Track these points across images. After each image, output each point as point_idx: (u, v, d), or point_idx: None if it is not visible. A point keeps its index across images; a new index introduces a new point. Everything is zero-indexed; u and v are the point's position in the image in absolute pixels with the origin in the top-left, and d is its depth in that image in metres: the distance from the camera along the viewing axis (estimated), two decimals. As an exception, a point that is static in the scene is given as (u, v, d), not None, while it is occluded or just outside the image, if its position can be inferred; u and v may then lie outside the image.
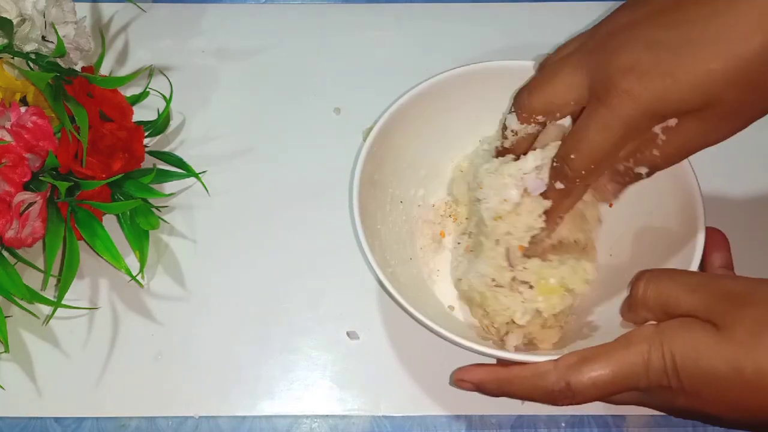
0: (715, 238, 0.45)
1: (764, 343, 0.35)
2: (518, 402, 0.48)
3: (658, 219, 0.48)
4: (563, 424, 0.48)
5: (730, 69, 0.36)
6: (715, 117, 0.38)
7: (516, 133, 0.46)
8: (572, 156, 0.41)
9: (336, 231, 0.54)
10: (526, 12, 0.63)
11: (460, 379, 0.44)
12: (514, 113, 0.45)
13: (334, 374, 0.50)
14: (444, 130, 0.52)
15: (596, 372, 0.39)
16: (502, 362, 0.43)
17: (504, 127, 0.47)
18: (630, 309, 0.42)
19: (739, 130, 0.40)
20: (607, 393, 0.40)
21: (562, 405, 0.41)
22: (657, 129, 0.40)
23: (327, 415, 0.49)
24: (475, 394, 0.48)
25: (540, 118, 0.44)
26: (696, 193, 0.46)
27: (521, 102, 0.44)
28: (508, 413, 0.48)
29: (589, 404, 0.47)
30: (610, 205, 0.50)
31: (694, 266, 0.44)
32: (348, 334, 0.51)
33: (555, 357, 0.41)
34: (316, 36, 0.63)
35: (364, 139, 0.57)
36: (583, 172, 0.42)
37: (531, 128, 0.45)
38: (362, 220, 0.46)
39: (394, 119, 0.49)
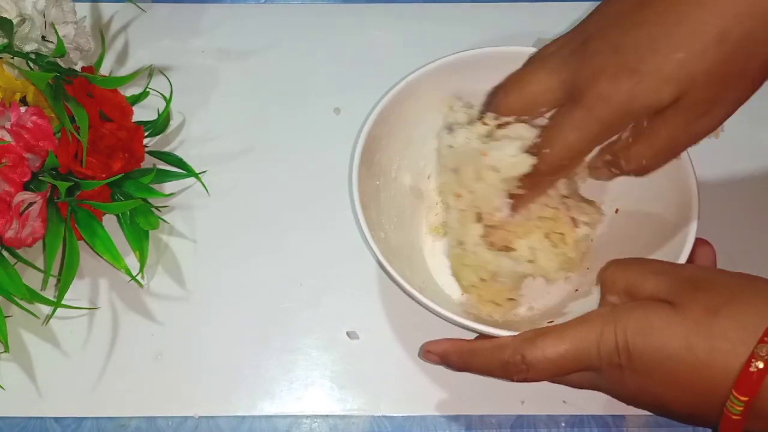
0: (703, 252, 0.45)
1: (718, 323, 0.36)
2: (518, 402, 0.48)
3: (652, 207, 0.49)
4: (563, 424, 0.48)
5: (692, 57, 0.37)
6: (691, 107, 0.39)
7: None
8: (546, 150, 0.43)
9: (336, 230, 0.54)
10: (526, 12, 0.63)
11: (427, 351, 0.45)
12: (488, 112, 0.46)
13: (334, 374, 0.50)
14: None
15: (550, 346, 0.40)
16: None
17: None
18: (600, 297, 0.43)
19: (722, 118, 0.40)
20: (560, 368, 0.40)
21: (518, 380, 0.41)
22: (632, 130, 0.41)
23: (327, 415, 0.49)
24: (475, 394, 0.48)
25: (511, 119, 0.45)
26: (692, 184, 0.46)
27: (497, 101, 0.45)
28: (508, 413, 0.48)
29: (589, 405, 0.47)
30: (616, 211, 0.50)
31: (684, 257, 0.44)
32: (348, 334, 0.51)
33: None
34: (315, 36, 0.63)
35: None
36: (555, 166, 0.43)
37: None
38: (359, 190, 0.47)
39: (400, 96, 0.50)
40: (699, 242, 0.45)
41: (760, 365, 0.35)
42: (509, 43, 0.51)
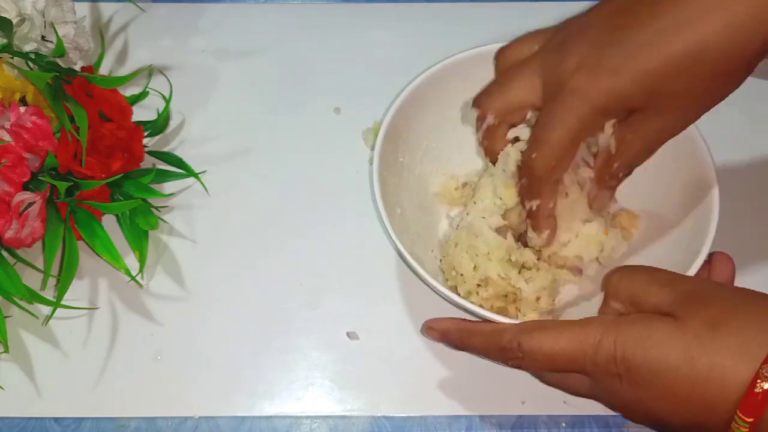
0: (721, 265, 0.45)
1: (719, 337, 0.36)
2: (519, 402, 0.48)
3: (670, 211, 0.49)
4: (563, 425, 0.48)
5: (661, 66, 0.39)
6: (663, 109, 0.41)
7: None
8: (534, 155, 0.44)
9: (336, 230, 0.54)
10: (526, 12, 0.64)
11: (429, 327, 0.46)
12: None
13: (334, 374, 0.50)
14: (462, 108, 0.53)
15: (547, 341, 0.40)
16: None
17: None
18: (603, 301, 0.43)
19: (693, 119, 0.42)
20: (553, 364, 0.40)
21: (512, 365, 0.42)
22: (611, 128, 0.43)
23: (327, 416, 0.49)
24: (476, 394, 0.48)
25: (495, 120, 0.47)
26: (713, 188, 0.46)
27: (482, 104, 0.47)
28: (508, 413, 0.48)
29: (590, 405, 0.47)
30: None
31: (699, 262, 0.44)
32: (348, 334, 0.51)
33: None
34: (316, 36, 0.63)
35: (364, 140, 0.57)
36: (546, 168, 0.44)
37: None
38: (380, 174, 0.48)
39: (417, 94, 0.50)
40: (720, 256, 0.45)
41: (766, 386, 0.34)
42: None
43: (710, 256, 0.45)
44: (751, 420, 0.34)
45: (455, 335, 0.45)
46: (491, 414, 0.48)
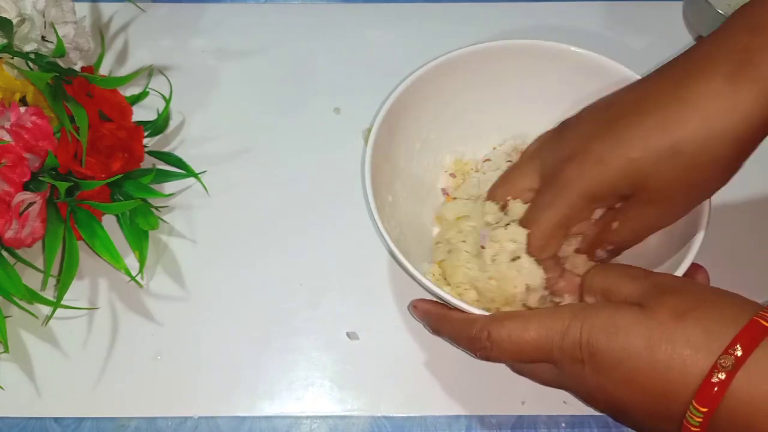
0: (697, 276, 0.46)
1: (683, 326, 0.36)
2: (518, 402, 0.48)
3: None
4: (563, 425, 0.48)
5: (645, 156, 0.41)
6: (648, 202, 0.42)
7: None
8: (527, 233, 0.46)
9: (336, 230, 0.54)
10: (526, 12, 0.64)
11: (414, 306, 0.48)
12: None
13: (334, 374, 0.50)
14: (454, 107, 0.53)
15: (516, 329, 0.40)
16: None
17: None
18: (579, 298, 0.44)
19: (680, 213, 0.44)
20: (521, 352, 0.41)
21: (480, 356, 0.42)
22: (598, 214, 0.45)
23: (327, 416, 0.49)
24: (475, 394, 0.48)
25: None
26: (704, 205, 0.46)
27: (492, 192, 0.50)
28: (508, 413, 0.48)
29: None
30: None
31: (687, 264, 0.44)
32: (348, 334, 0.51)
33: None
34: (316, 36, 0.63)
35: (364, 140, 0.57)
36: (536, 248, 0.46)
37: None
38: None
39: (412, 89, 0.50)
40: (694, 267, 0.45)
41: (722, 376, 0.34)
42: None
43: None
44: (705, 410, 0.34)
45: (432, 318, 0.46)
46: (491, 414, 0.48)
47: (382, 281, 0.52)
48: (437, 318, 0.46)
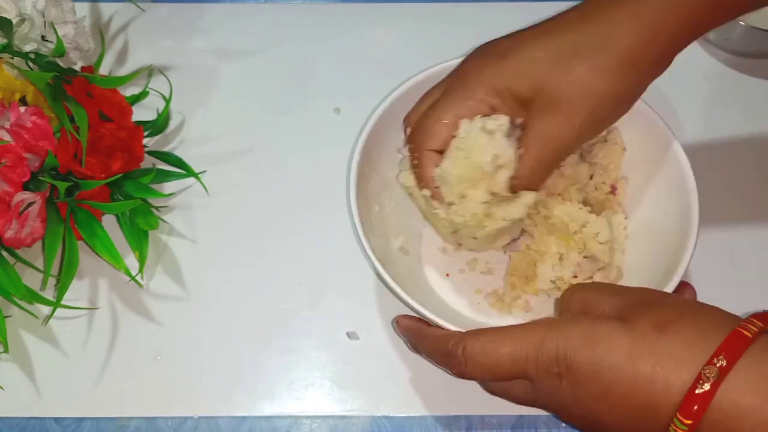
0: (684, 293, 0.46)
1: (665, 339, 0.35)
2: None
3: (656, 219, 0.49)
4: (563, 425, 0.48)
5: (546, 60, 0.43)
6: (547, 109, 0.43)
7: None
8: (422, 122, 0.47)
9: (336, 231, 0.54)
10: (527, 12, 0.63)
11: (396, 321, 0.48)
12: None
13: (334, 374, 0.50)
14: None
15: (490, 342, 0.40)
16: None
17: None
18: (557, 316, 0.43)
19: (581, 131, 0.44)
20: (496, 365, 0.39)
21: (456, 372, 0.41)
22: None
23: (327, 416, 0.49)
24: (475, 394, 0.48)
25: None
26: (693, 195, 0.46)
27: (415, 142, 0.48)
28: (508, 413, 0.48)
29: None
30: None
31: (683, 268, 0.44)
32: (348, 334, 0.51)
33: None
34: (316, 36, 0.63)
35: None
36: (433, 130, 0.46)
37: None
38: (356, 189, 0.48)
39: (396, 104, 0.50)
40: (682, 284, 0.45)
41: (707, 387, 0.33)
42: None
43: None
44: (690, 422, 0.34)
45: (411, 334, 0.46)
46: (491, 414, 0.48)
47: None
48: (415, 334, 0.45)
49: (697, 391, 0.34)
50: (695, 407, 0.34)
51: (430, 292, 0.50)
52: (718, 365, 0.34)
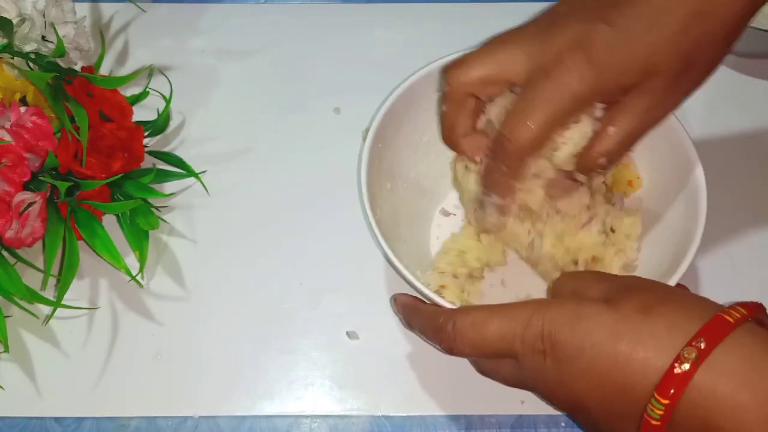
0: None
1: (648, 320, 0.36)
2: (518, 402, 0.48)
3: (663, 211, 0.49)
4: (563, 424, 0.48)
5: (662, 41, 0.39)
6: (656, 89, 0.40)
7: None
8: (515, 132, 0.41)
9: (336, 230, 0.54)
10: (526, 12, 0.63)
11: (394, 298, 0.48)
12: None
13: (334, 374, 0.50)
14: None
15: (479, 316, 0.40)
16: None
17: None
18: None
19: (678, 103, 0.42)
20: (484, 341, 0.40)
21: (445, 347, 0.42)
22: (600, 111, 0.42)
23: (327, 415, 0.49)
24: (475, 394, 0.48)
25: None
26: (701, 185, 0.47)
27: (458, 74, 0.44)
28: (508, 413, 0.48)
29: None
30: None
31: (690, 256, 0.44)
32: (348, 334, 0.51)
33: None
34: (316, 36, 0.63)
35: (364, 140, 0.57)
36: (525, 146, 0.41)
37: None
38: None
39: (405, 96, 0.50)
40: (678, 287, 0.45)
41: (686, 367, 0.33)
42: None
43: None
44: (666, 402, 0.34)
45: (406, 311, 0.46)
46: (491, 414, 0.48)
47: (382, 281, 0.52)
48: (410, 310, 0.46)
49: (675, 371, 0.34)
50: (673, 388, 0.34)
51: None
52: (698, 347, 0.34)
